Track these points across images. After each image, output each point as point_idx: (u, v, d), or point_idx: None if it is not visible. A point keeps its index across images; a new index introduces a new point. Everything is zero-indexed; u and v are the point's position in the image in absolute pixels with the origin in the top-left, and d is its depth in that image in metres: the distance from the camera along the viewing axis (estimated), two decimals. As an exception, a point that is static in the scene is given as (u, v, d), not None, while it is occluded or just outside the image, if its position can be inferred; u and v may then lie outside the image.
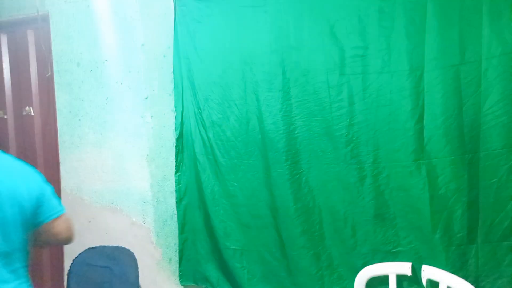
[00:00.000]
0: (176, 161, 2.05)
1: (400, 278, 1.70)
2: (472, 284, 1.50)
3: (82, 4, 2.20)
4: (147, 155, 2.13)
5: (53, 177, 2.35)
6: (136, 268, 1.95)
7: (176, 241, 2.07)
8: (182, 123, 2.03)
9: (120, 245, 2.00)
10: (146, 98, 2.12)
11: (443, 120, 1.60)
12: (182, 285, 2.11)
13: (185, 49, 1.99)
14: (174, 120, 2.07)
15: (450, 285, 1.54)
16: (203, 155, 2.00)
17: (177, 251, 2.08)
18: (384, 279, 1.70)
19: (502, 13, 1.53)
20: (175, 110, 2.05)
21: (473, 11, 1.57)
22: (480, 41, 1.56)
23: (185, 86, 2.02)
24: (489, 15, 1.55)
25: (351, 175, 1.75)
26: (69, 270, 1.88)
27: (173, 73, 2.04)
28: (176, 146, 2.05)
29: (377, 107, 1.72)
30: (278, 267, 1.92)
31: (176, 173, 2.05)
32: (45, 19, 2.30)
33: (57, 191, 2.37)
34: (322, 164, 1.80)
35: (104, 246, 1.98)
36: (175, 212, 2.05)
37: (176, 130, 2.04)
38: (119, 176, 2.19)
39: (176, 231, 2.07)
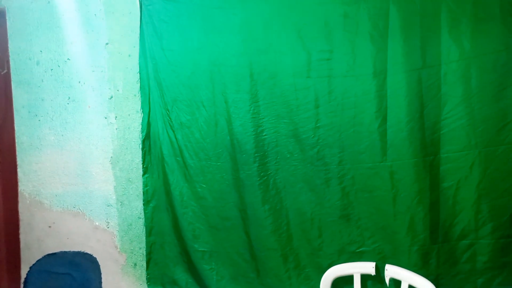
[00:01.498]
0: (143, 163, 2.01)
1: (365, 278, 1.73)
2: (432, 282, 1.56)
3: (42, 0, 2.11)
4: (111, 157, 2.06)
5: (10, 180, 2.23)
6: (99, 274, 1.89)
7: (142, 245, 2.03)
8: (148, 124, 1.99)
9: (82, 251, 1.92)
10: (110, 98, 2.05)
11: (406, 122, 1.66)
12: (150, 289, 2.08)
13: (151, 49, 1.95)
14: (139, 121, 2.02)
15: (411, 284, 1.59)
16: (171, 157, 1.96)
17: (143, 255, 2.03)
18: (349, 279, 1.73)
19: (459, 20, 1.61)
20: (142, 111, 2.01)
21: (432, 17, 1.64)
22: (440, 47, 1.63)
23: (152, 87, 1.98)
24: (448, 22, 1.62)
25: (317, 177, 1.77)
26: (26, 279, 1.79)
27: (139, 73, 2.00)
28: (142, 148, 2.00)
29: (342, 110, 1.75)
30: (247, 268, 1.92)
31: (143, 175, 2.01)
32: (1, 14, 2.18)
33: (14, 195, 2.26)
34: (289, 166, 1.81)
35: (65, 252, 1.91)
36: (141, 215, 2.01)
37: (142, 132, 2.00)
38: (82, 179, 2.11)
39: (142, 235, 2.02)
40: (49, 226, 2.16)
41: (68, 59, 2.10)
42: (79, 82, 2.10)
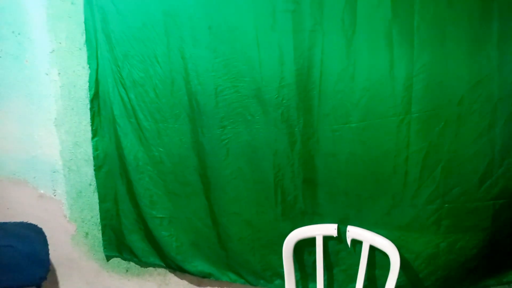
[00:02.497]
0: (92, 125, 1.84)
1: (327, 239, 1.71)
2: (394, 243, 1.54)
3: None
4: (55, 118, 1.86)
5: None
6: (46, 244, 1.74)
7: (93, 214, 1.89)
8: (97, 81, 1.80)
9: (25, 221, 1.76)
10: (52, 52, 1.82)
11: (375, 80, 1.56)
12: (106, 256, 1.96)
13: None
14: (86, 78, 1.81)
15: (373, 244, 1.60)
16: (123, 118, 1.80)
17: (95, 224, 1.90)
18: (311, 241, 1.70)
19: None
20: (89, 67, 1.80)
21: None
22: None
23: (99, 40, 1.78)
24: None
25: (281, 140, 1.67)
26: (-40, 253, 1.63)
27: (85, 24, 1.77)
28: (90, 109, 1.82)
29: (308, 68, 1.63)
30: (209, 234, 1.85)
31: (92, 138, 1.84)
32: None
33: None
34: (251, 129, 1.70)
35: (5, 223, 1.73)
36: (92, 182, 1.86)
37: (89, 90, 1.81)
38: (22, 143, 1.90)
39: (93, 203, 1.88)
40: (-11, 198, 1.97)
41: (1, 7, 1.83)
42: (13, 32, 1.84)
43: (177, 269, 1.93)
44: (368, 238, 1.61)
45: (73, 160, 1.87)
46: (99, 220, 1.92)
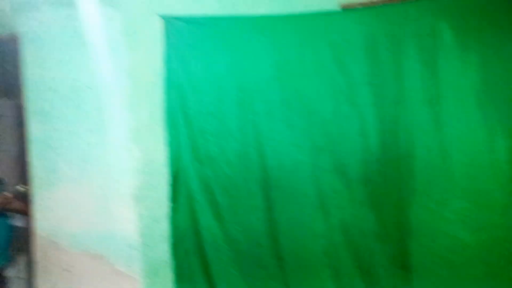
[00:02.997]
0: (171, 201, 1.82)
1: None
2: None
3: (58, 25, 1.97)
4: (134, 193, 1.88)
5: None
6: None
7: (169, 292, 1.82)
8: (176, 157, 1.82)
9: (101, 300, 1.73)
10: (132, 128, 1.88)
11: (472, 154, 1.44)
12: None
13: (177, 76, 1.80)
14: (165, 154, 1.84)
15: None
16: (200, 193, 1.79)
17: (170, 303, 1.82)
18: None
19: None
20: (168, 143, 1.83)
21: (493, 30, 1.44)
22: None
23: (178, 117, 1.83)
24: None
25: (368, 220, 1.56)
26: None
27: (165, 102, 1.82)
28: (171, 185, 1.82)
29: (395, 142, 1.55)
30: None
31: (171, 214, 1.81)
32: (14, 40, 2.06)
33: (27, 233, 2.09)
34: (335, 207, 1.60)
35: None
36: (168, 259, 1.81)
37: (170, 166, 1.82)
38: (101, 217, 1.93)
39: (168, 282, 1.81)
40: (65, 269, 1.98)
41: (87, 87, 1.95)
42: (99, 111, 1.94)
43: None
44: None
45: (150, 236, 1.85)
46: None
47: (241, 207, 1.73)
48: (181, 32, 1.77)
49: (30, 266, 2.80)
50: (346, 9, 1.68)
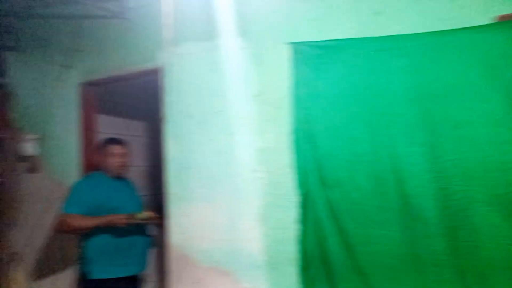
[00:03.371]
0: (300, 224, 1.80)
1: None
2: None
3: (194, 57, 2.17)
4: (260, 214, 1.93)
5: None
6: None
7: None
8: (304, 180, 1.80)
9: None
10: (259, 150, 1.95)
11: None
12: None
13: (303, 100, 1.81)
14: (290, 176, 1.85)
15: None
16: (328, 219, 1.74)
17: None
18: None
19: None
20: (296, 166, 1.82)
21: None
22: None
23: (303, 139, 1.82)
24: None
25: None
26: None
27: (293, 125, 1.84)
28: (300, 207, 1.80)
29: None
30: None
31: (301, 238, 1.79)
32: (159, 71, 2.32)
33: (161, 245, 2.29)
34: (494, 243, 1.40)
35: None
36: (294, 284, 1.78)
37: (298, 189, 1.82)
38: (229, 235, 2.02)
39: (294, 306, 1.79)
40: (195, 282, 2.11)
41: (217, 111, 2.09)
42: (228, 134, 2.06)
43: None
44: None
45: (276, 258, 1.87)
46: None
47: (372, 237, 1.61)
48: (309, 57, 1.78)
49: (161, 275, 3.08)
50: (504, 21, 1.47)
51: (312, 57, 1.77)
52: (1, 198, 2.97)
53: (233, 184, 2.03)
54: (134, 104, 3.28)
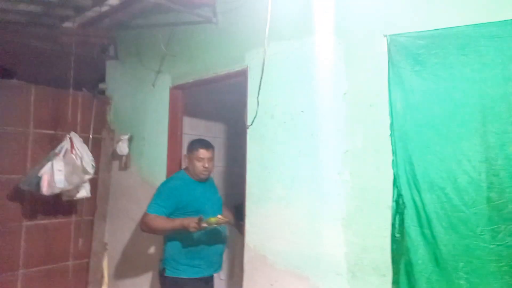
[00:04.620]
0: (393, 232, 1.65)
1: None
2: None
3: (281, 57, 2.17)
4: (343, 218, 1.82)
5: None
6: None
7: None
8: (397, 185, 1.65)
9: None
10: (345, 152, 1.86)
11: None
12: None
13: (399, 96, 1.69)
14: (378, 180, 1.72)
15: None
16: (415, 227, 1.57)
17: None
18: None
19: None
20: (393, 168, 1.67)
21: None
22: None
23: (398, 139, 1.68)
24: None
25: None
26: None
27: (389, 125, 1.70)
28: (393, 214, 1.65)
29: None
30: None
31: (392, 247, 1.64)
32: (245, 73, 2.36)
33: (241, 245, 2.28)
34: None
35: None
36: (377, 294, 1.65)
37: (394, 190, 1.66)
38: (308, 238, 1.94)
39: (378, 319, 1.64)
40: (271, 284, 2.06)
41: (302, 111, 2.06)
42: (312, 135, 2.00)
43: None
44: None
45: (359, 266, 1.74)
46: None
47: (475, 250, 1.42)
48: (408, 50, 1.66)
49: (232, 273, 3.09)
50: None
51: (411, 49, 1.65)
52: (95, 193, 3.24)
53: (316, 186, 1.96)
54: (216, 106, 3.41)
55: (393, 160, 1.67)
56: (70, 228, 3.19)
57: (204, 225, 2.12)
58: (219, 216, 2.19)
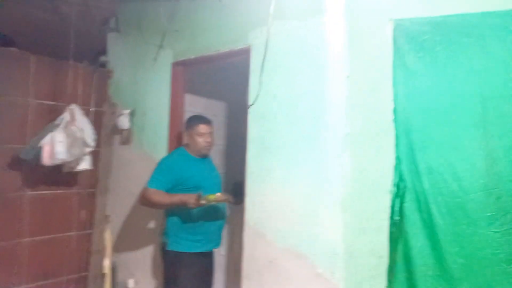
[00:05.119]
0: (391, 216, 1.69)
1: None
2: None
3: (284, 36, 2.14)
4: (342, 200, 1.86)
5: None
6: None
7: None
8: (398, 169, 1.68)
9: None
10: (346, 135, 1.87)
11: None
12: None
13: (402, 80, 1.69)
14: (378, 163, 1.75)
15: None
16: (414, 212, 1.61)
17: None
18: None
19: None
20: (397, 152, 1.69)
21: None
22: None
23: (400, 124, 1.70)
24: None
25: None
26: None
27: (392, 109, 1.72)
28: (393, 197, 1.68)
29: None
30: None
31: (390, 230, 1.69)
32: (247, 52, 2.34)
33: (240, 222, 2.34)
34: None
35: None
36: (374, 274, 1.71)
37: (396, 174, 1.69)
38: (307, 218, 1.99)
39: (372, 297, 1.71)
40: (270, 261, 2.12)
41: (303, 93, 2.06)
42: (313, 116, 2.01)
43: None
44: None
45: (356, 247, 1.79)
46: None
47: (471, 236, 1.45)
48: (413, 35, 1.64)
49: (232, 249, 3.18)
50: None
51: (416, 35, 1.63)
52: (97, 166, 3.28)
53: (316, 167, 1.98)
54: (216, 84, 3.38)
55: (396, 144, 1.69)
56: (72, 200, 3.24)
57: (203, 202, 2.17)
58: (218, 194, 2.24)
